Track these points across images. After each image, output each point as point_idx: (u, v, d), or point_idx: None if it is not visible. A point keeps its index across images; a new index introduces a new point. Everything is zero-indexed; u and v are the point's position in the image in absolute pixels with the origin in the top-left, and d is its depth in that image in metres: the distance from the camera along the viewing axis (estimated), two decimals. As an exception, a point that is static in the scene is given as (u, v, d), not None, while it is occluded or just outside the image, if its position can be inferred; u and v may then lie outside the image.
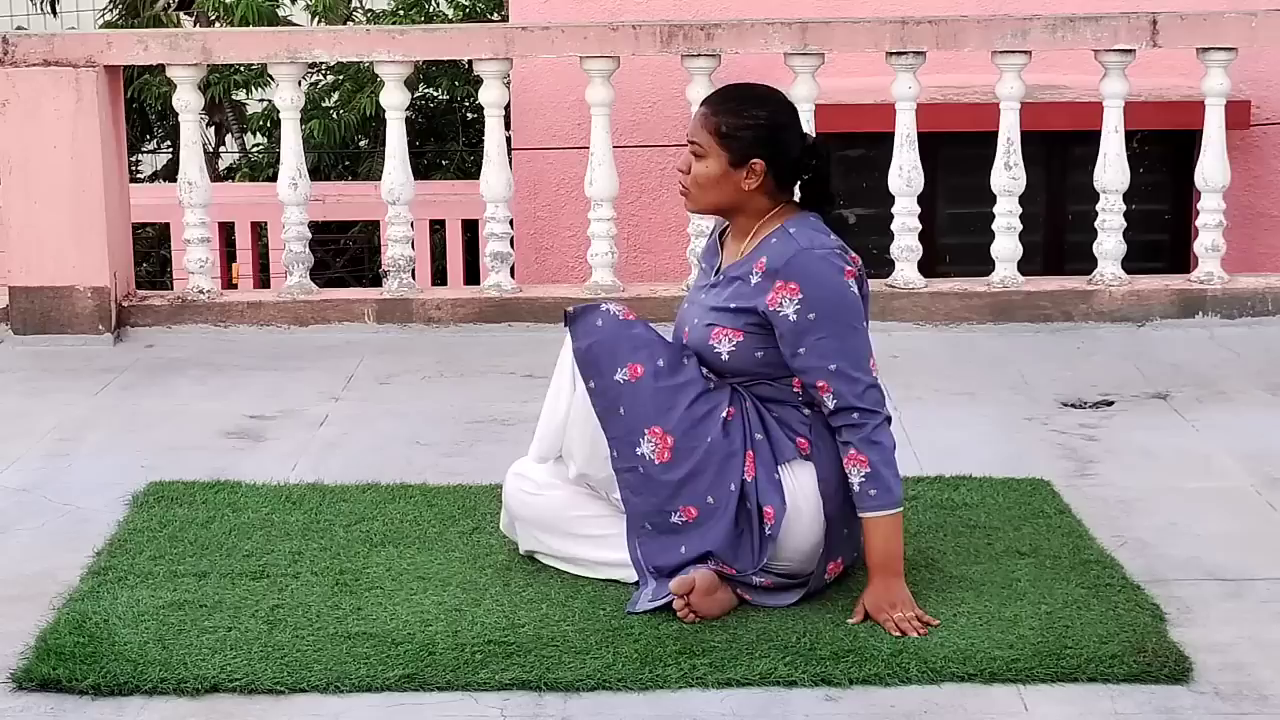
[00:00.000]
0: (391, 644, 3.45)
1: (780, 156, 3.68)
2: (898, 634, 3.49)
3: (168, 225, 10.40)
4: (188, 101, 6.51)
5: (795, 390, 3.67)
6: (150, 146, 13.97)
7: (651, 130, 8.76)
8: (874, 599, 3.57)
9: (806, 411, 3.67)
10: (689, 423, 3.63)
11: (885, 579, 3.59)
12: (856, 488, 3.59)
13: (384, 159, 6.57)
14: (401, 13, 12.23)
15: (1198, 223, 6.52)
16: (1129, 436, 5.00)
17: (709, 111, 3.71)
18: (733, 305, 3.66)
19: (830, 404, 3.59)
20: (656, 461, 3.63)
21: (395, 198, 6.50)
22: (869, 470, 3.57)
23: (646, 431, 3.64)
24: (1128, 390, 5.52)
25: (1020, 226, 6.51)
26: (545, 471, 3.85)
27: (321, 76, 12.53)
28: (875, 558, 3.60)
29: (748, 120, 3.67)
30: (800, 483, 3.64)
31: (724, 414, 3.64)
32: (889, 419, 3.63)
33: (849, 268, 3.63)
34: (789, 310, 3.59)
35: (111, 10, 13.64)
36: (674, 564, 3.63)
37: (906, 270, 6.46)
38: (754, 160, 3.66)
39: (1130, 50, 6.32)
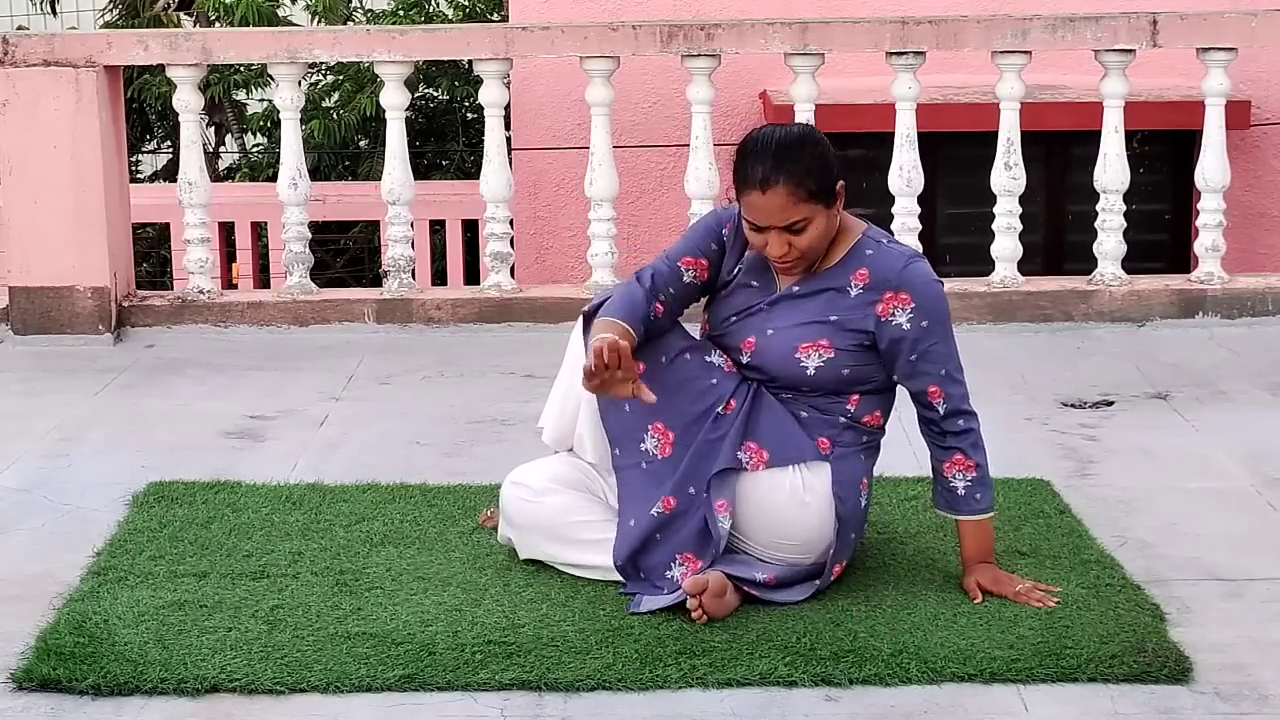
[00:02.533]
0: (391, 644, 3.46)
1: (840, 169, 3.67)
2: (1038, 605, 3.61)
3: (168, 225, 10.40)
4: (188, 101, 6.51)
5: (849, 408, 3.69)
6: (150, 146, 13.97)
7: (651, 130, 8.76)
8: (990, 578, 3.71)
9: (842, 419, 3.69)
10: (689, 418, 3.65)
11: (986, 564, 3.74)
12: (961, 492, 3.69)
13: (384, 159, 6.57)
14: (401, 13, 12.23)
15: (1198, 223, 6.52)
16: (1129, 436, 5.00)
17: (793, 185, 3.55)
18: (832, 317, 3.65)
19: (941, 409, 3.66)
20: (660, 457, 3.66)
21: (395, 198, 6.50)
22: (976, 475, 3.70)
23: (650, 427, 3.66)
24: (1128, 390, 5.52)
25: (1020, 226, 6.51)
26: (543, 478, 3.86)
27: (321, 76, 12.54)
28: (975, 551, 3.74)
29: (815, 163, 3.60)
30: (810, 482, 3.65)
31: (720, 409, 3.65)
32: None
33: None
34: (902, 319, 3.62)
35: (111, 10, 13.64)
36: (651, 560, 3.66)
37: (906, 270, 6.46)
38: (838, 186, 3.64)
39: (1130, 50, 6.32)
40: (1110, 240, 6.45)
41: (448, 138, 12.75)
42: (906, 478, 4.36)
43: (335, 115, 11.95)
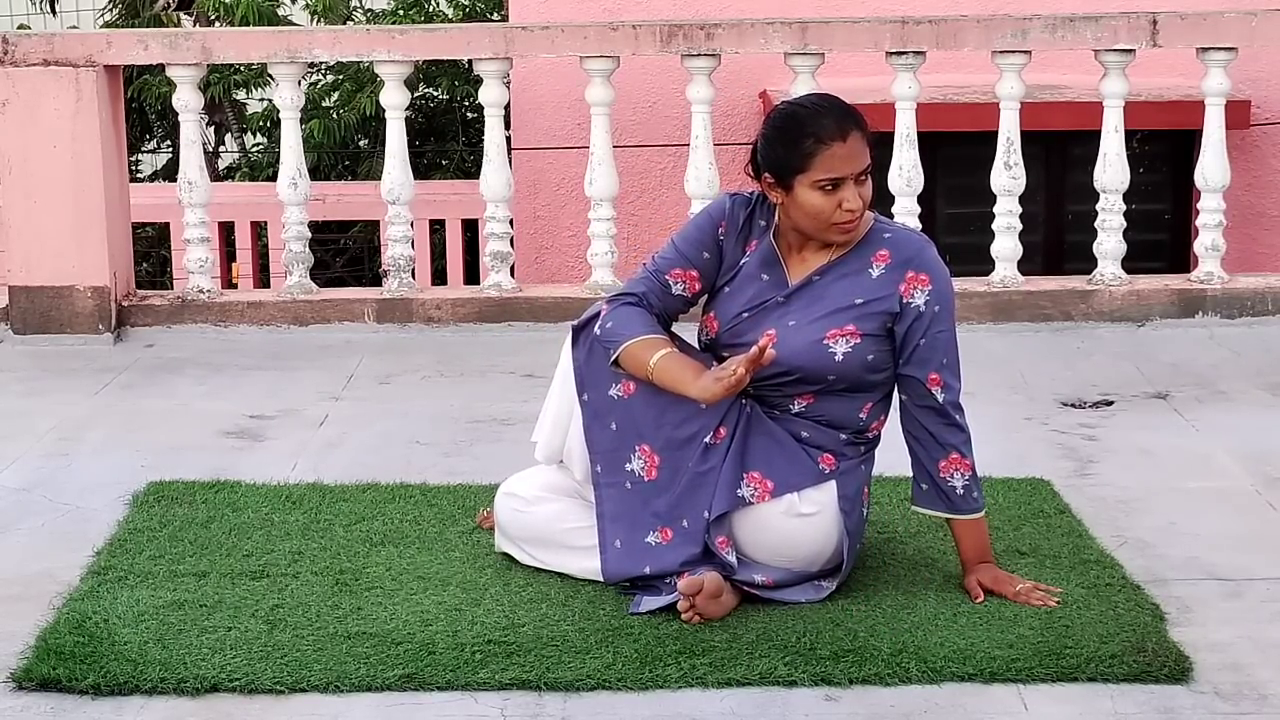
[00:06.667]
0: (391, 644, 3.45)
1: None
2: (1039, 604, 3.61)
3: (168, 225, 10.41)
4: (188, 101, 6.52)
5: (862, 416, 3.68)
6: (150, 146, 13.97)
7: (651, 130, 8.76)
8: (990, 577, 3.70)
9: (844, 436, 3.68)
10: (675, 444, 3.63)
11: (986, 564, 3.73)
12: (960, 491, 3.68)
13: (384, 159, 6.57)
14: (401, 12, 12.24)
15: (1198, 223, 6.52)
16: (1129, 436, 5.00)
17: (864, 128, 3.60)
18: (857, 300, 3.62)
19: (940, 397, 3.64)
20: (646, 479, 3.64)
21: (395, 197, 6.50)
22: (971, 474, 3.69)
23: (637, 448, 3.64)
24: (1127, 390, 5.52)
25: (1020, 226, 6.51)
26: (534, 486, 3.86)
27: (321, 76, 12.54)
28: (975, 550, 3.73)
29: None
30: (811, 495, 3.64)
31: (708, 438, 3.61)
32: None
33: None
34: (919, 300, 3.61)
35: (111, 10, 13.64)
36: (639, 576, 3.65)
37: (906, 270, 6.46)
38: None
39: (1130, 50, 6.32)
40: (1110, 240, 6.45)
41: (448, 137, 12.76)
42: (906, 478, 4.35)
43: (335, 115, 11.95)
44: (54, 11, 13.98)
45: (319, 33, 7.25)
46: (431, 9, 12.37)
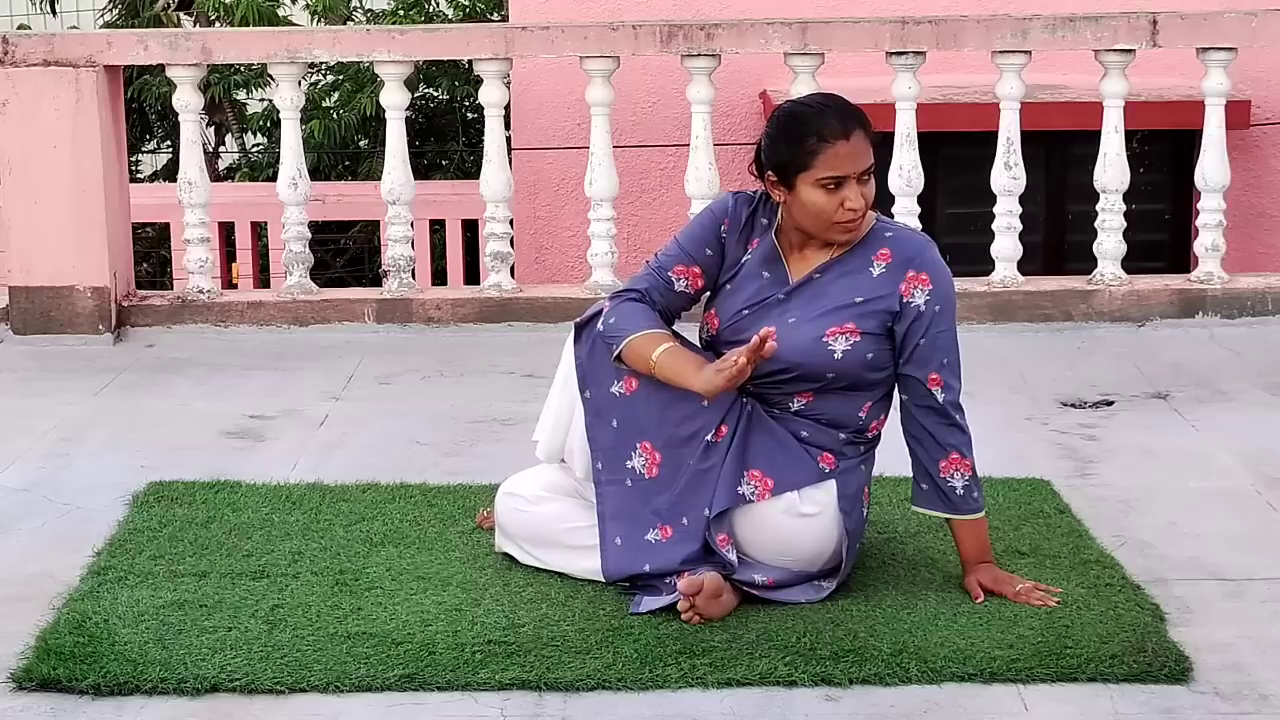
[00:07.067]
0: (391, 644, 3.46)
1: None
2: (1039, 604, 3.61)
3: (168, 225, 10.40)
4: (188, 101, 6.51)
5: (861, 415, 3.68)
6: (150, 146, 13.96)
7: (651, 130, 8.76)
8: (991, 577, 3.70)
9: (843, 436, 3.68)
10: (677, 441, 3.63)
11: (987, 564, 3.73)
12: (960, 491, 3.67)
13: (384, 159, 6.57)
14: (401, 13, 12.23)
15: (1198, 223, 6.52)
16: (1129, 436, 5.00)
17: (866, 127, 3.62)
18: (857, 299, 3.63)
19: (940, 397, 3.64)
20: (646, 476, 3.64)
21: (395, 198, 6.50)
22: (971, 474, 3.69)
23: (638, 445, 3.64)
24: (1128, 390, 5.52)
25: (1020, 226, 6.51)
26: (535, 486, 3.86)
27: (321, 76, 12.54)
28: (975, 550, 3.73)
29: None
30: (812, 494, 3.64)
31: (709, 436, 3.62)
32: None
33: None
34: (920, 300, 3.61)
35: (111, 10, 13.63)
36: (638, 574, 3.65)
37: (906, 270, 6.46)
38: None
39: (1130, 50, 6.32)
40: (1110, 240, 6.45)
41: (448, 138, 12.75)
42: (906, 478, 4.35)
43: (335, 115, 11.94)
44: (54, 11, 13.96)
45: (319, 33, 7.25)
46: (431, 9, 12.36)
